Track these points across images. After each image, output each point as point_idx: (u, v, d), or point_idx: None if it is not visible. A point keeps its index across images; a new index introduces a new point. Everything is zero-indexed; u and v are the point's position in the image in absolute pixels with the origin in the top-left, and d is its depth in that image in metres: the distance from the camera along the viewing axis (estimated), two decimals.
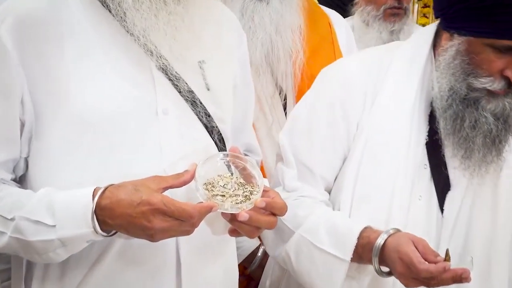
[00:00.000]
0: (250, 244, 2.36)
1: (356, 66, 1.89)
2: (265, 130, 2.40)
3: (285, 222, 1.84)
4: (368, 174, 1.81)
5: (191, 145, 1.58)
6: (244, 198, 1.45)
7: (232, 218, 1.45)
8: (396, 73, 1.85)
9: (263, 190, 1.48)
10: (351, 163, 1.85)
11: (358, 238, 1.73)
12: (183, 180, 1.45)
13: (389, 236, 1.69)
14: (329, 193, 1.94)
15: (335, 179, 1.92)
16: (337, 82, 1.89)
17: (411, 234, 1.69)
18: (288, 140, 1.94)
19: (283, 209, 1.50)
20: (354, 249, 1.72)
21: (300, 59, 2.39)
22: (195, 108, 1.58)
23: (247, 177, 1.51)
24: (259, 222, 1.46)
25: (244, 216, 1.43)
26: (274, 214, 1.49)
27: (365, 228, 1.75)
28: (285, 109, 2.45)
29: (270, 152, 2.34)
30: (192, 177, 1.45)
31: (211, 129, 1.62)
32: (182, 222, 1.39)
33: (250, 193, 1.47)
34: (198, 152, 1.56)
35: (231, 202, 1.43)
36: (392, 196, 1.79)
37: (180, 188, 1.46)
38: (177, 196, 1.46)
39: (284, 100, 2.45)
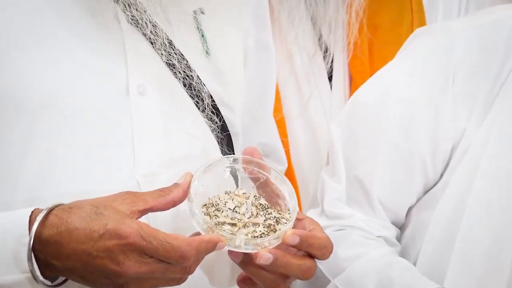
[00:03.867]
0: None
1: (468, 43, 1.53)
2: (298, 108, 1.96)
3: (319, 265, 1.54)
4: (480, 216, 1.49)
5: (180, 145, 1.33)
6: (266, 229, 1.21)
7: (246, 261, 1.20)
8: None
9: (296, 218, 1.23)
10: (445, 195, 1.52)
11: None
12: (170, 199, 1.20)
13: None
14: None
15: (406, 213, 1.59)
16: (431, 65, 1.53)
17: None
18: (342, 136, 1.58)
19: (326, 249, 1.24)
20: None
21: (359, 1, 1.96)
22: (187, 87, 1.35)
23: (272, 197, 1.26)
24: (288, 268, 1.20)
25: (266, 257, 1.16)
26: (311, 256, 1.23)
27: None
28: (330, 78, 2.00)
29: (305, 145, 1.92)
30: (185, 194, 1.20)
31: (213, 120, 1.39)
32: (170, 265, 1.14)
33: (276, 221, 1.22)
34: (192, 156, 1.32)
35: (246, 235, 1.19)
36: None
37: (165, 211, 1.22)
38: (159, 224, 1.21)
39: (330, 63, 2.01)
